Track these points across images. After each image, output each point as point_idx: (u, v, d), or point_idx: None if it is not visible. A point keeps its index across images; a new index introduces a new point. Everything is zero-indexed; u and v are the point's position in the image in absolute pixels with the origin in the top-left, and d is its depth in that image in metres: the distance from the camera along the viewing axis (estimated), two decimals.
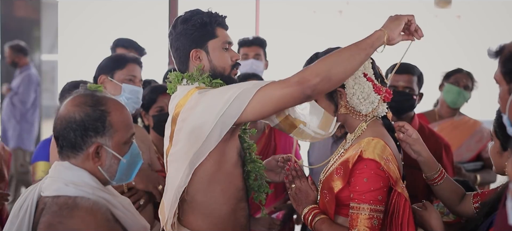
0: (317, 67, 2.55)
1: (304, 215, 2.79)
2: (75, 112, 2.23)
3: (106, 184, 2.32)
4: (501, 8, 10.48)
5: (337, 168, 2.70)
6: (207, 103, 2.65)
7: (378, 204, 2.58)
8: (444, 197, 2.91)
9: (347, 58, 2.56)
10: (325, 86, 2.57)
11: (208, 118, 2.64)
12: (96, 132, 2.23)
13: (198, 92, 2.69)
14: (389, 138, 2.75)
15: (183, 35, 2.80)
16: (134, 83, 3.51)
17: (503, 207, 2.10)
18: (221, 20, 2.84)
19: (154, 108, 3.99)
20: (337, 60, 2.56)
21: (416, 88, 3.89)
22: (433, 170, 2.85)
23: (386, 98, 2.77)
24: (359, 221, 2.57)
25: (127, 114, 2.34)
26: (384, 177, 2.59)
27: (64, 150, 2.27)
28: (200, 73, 2.79)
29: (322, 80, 2.54)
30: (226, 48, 2.83)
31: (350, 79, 2.69)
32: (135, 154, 2.36)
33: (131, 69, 3.52)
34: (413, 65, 3.97)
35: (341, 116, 2.78)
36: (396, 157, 2.69)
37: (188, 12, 2.82)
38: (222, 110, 2.61)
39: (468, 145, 4.78)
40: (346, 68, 2.57)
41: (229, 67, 2.84)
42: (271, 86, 2.60)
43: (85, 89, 2.34)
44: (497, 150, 2.58)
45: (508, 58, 2.08)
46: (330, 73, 2.54)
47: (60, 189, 2.22)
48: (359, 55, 2.57)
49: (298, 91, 2.55)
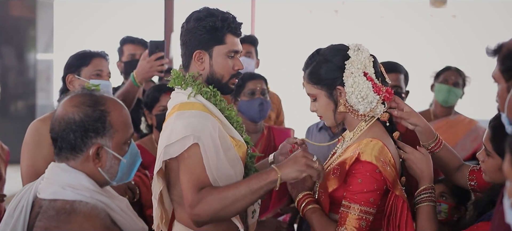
0: (211, 206, 2.59)
1: (298, 200, 2.79)
2: (74, 113, 2.19)
3: (104, 185, 2.29)
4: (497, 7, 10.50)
5: (334, 168, 2.71)
6: (169, 131, 2.70)
7: (369, 206, 2.58)
8: (441, 165, 2.92)
9: (240, 199, 2.59)
10: (211, 222, 2.67)
11: (161, 143, 2.72)
12: (96, 133, 2.20)
13: (176, 114, 2.71)
14: (388, 139, 2.74)
15: (192, 33, 2.78)
16: (101, 77, 3.50)
17: (499, 204, 2.11)
18: (234, 26, 2.80)
19: (157, 107, 3.99)
20: (231, 201, 2.58)
21: (403, 86, 3.95)
22: (430, 139, 2.85)
23: (386, 98, 2.72)
24: (347, 220, 2.57)
25: (126, 114, 2.31)
26: (379, 180, 2.59)
27: (63, 151, 2.22)
28: (193, 80, 2.79)
29: (211, 220, 2.64)
30: (231, 56, 2.81)
31: (350, 77, 2.68)
32: (135, 153, 2.34)
33: (97, 64, 3.52)
34: (399, 63, 4.02)
35: (340, 114, 2.77)
36: (394, 157, 2.69)
37: (204, 10, 2.80)
38: (164, 144, 2.68)
39: (463, 144, 4.78)
40: (237, 210, 2.64)
41: (229, 76, 2.82)
42: (187, 174, 2.64)
43: (82, 89, 2.31)
44: (498, 166, 2.51)
45: (507, 56, 2.08)
46: (220, 214, 2.61)
47: (57, 192, 2.17)
48: (251, 197, 2.60)
49: (187, 212, 2.65)
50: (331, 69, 2.70)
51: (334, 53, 2.72)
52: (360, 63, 2.68)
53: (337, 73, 2.69)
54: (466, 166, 2.89)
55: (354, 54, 2.69)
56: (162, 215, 2.85)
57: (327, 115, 2.77)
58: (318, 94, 2.75)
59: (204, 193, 2.60)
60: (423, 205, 2.71)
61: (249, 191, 2.58)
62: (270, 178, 2.58)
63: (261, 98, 4.11)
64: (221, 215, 2.63)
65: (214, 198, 2.59)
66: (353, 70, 2.67)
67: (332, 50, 2.74)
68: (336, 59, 2.71)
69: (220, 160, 2.68)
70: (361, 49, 2.71)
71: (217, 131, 2.69)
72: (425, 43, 10.60)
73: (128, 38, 5.16)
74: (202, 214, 2.60)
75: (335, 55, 2.72)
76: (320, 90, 2.74)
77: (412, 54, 7.39)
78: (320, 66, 2.73)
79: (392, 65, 3.96)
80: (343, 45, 2.75)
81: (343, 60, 2.69)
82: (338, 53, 2.72)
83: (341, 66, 2.69)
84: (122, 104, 2.31)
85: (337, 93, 2.72)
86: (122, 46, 5.14)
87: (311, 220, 2.72)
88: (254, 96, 4.11)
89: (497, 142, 2.41)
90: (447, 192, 3.41)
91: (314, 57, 2.76)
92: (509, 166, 1.70)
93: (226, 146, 2.71)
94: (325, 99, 2.75)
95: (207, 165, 2.62)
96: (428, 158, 2.77)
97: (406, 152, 2.78)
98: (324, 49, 2.77)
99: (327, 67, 2.71)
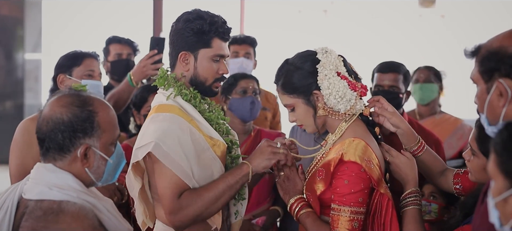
0: (195, 211, 2.66)
1: (290, 205, 2.80)
2: (63, 113, 2.18)
3: (90, 186, 2.28)
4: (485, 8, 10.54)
5: (319, 170, 2.71)
6: (141, 133, 2.74)
7: (359, 206, 2.59)
8: (424, 169, 2.92)
9: (220, 197, 2.69)
10: (193, 224, 2.73)
11: (135, 144, 2.75)
12: (85, 133, 2.19)
13: (151, 117, 2.74)
14: (370, 137, 2.75)
15: (179, 34, 2.80)
16: (93, 77, 3.53)
17: (480, 204, 2.12)
18: (222, 31, 2.81)
19: (145, 107, 4.00)
20: (212, 201, 2.67)
21: (402, 87, 3.91)
22: (412, 142, 2.87)
23: (363, 93, 2.76)
24: (340, 223, 2.58)
25: (114, 114, 2.31)
26: (365, 179, 2.60)
27: (51, 152, 2.21)
28: (175, 81, 2.81)
29: (194, 222, 2.70)
30: (217, 60, 2.82)
31: (325, 80, 2.69)
32: (120, 154, 2.34)
33: (88, 64, 3.54)
34: (398, 63, 3.99)
35: (320, 118, 2.77)
36: (377, 156, 2.70)
37: (194, 12, 2.81)
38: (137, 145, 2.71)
39: (450, 143, 4.80)
40: (218, 208, 2.73)
41: (212, 79, 2.83)
42: (164, 180, 2.66)
43: (70, 89, 2.30)
44: (483, 166, 2.54)
45: (486, 57, 2.09)
46: (203, 215, 2.70)
47: (43, 192, 2.16)
48: (229, 193, 2.72)
49: (168, 219, 2.69)
50: (304, 76, 2.72)
51: (304, 60, 2.74)
52: (331, 64, 2.70)
53: (310, 78, 2.71)
54: (450, 170, 2.90)
55: (324, 57, 2.71)
56: (145, 210, 2.87)
57: (307, 122, 2.78)
58: (296, 103, 2.76)
59: (185, 199, 2.65)
60: (409, 208, 2.72)
61: (227, 187, 2.68)
62: (243, 171, 2.71)
63: (252, 97, 4.12)
64: (204, 215, 2.71)
65: (195, 201, 2.65)
66: (326, 72, 2.68)
67: (301, 57, 2.76)
68: (306, 66, 2.72)
69: (194, 162, 2.70)
70: (329, 51, 2.74)
71: (188, 134, 2.70)
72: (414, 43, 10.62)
73: (114, 37, 5.16)
74: (185, 219, 2.67)
75: (305, 61, 2.73)
76: (297, 99, 2.75)
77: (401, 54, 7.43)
78: (292, 75, 2.74)
79: (390, 65, 3.95)
80: (310, 51, 2.77)
81: (313, 65, 2.71)
82: (308, 59, 2.73)
83: (313, 71, 2.70)
84: (109, 105, 2.31)
85: (315, 98, 2.73)
86: (108, 46, 5.14)
87: (305, 225, 2.72)
88: (245, 94, 4.12)
89: (482, 141, 2.42)
90: (437, 192, 3.42)
91: (284, 67, 2.78)
92: (493, 166, 1.71)
93: (201, 147, 2.73)
94: (303, 106, 2.75)
95: (179, 170, 2.64)
96: (413, 162, 2.78)
97: (392, 156, 2.79)
98: (292, 58, 2.78)
99: (299, 75, 2.72)
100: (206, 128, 2.78)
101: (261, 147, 2.75)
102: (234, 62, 5.08)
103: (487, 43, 2.14)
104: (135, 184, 2.80)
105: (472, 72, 2.18)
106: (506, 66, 2.03)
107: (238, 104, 4.11)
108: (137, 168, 2.79)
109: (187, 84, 2.82)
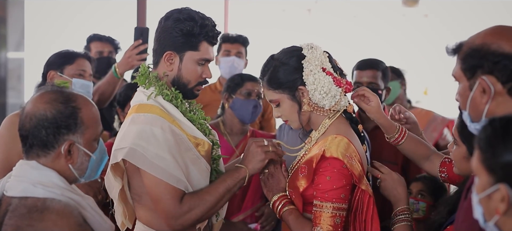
0: (197, 214, 2.67)
1: (273, 202, 2.80)
2: (46, 109, 2.18)
3: (72, 182, 2.28)
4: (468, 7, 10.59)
5: (301, 167, 2.72)
6: (121, 134, 2.72)
7: (341, 202, 2.60)
8: (409, 155, 3.01)
9: (220, 200, 2.72)
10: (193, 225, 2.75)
11: (114, 144, 2.74)
12: (68, 129, 2.19)
13: (131, 117, 2.72)
14: (352, 134, 2.77)
15: (167, 33, 2.77)
16: (84, 77, 3.55)
17: (464, 200, 2.13)
18: (211, 35, 2.79)
19: (129, 105, 3.96)
20: (213, 203, 2.71)
21: (381, 83, 3.94)
22: (393, 132, 2.93)
23: (347, 90, 2.79)
24: (322, 219, 2.59)
25: (96, 111, 2.31)
26: (347, 175, 2.61)
27: (34, 148, 2.21)
28: (157, 80, 2.79)
29: (194, 223, 2.72)
30: (202, 64, 2.81)
31: (310, 75, 2.70)
32: (103, 150, 2.34)
33: (81, 64, 3.57)
34: (377, 60, 4.02)
35: (305, 114, 2.79)
36: (360, 153, 2.72)
37: (185, 12, 2.77)
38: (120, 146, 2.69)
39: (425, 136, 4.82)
40: (216, 210, 2.77)
41: (195, 82, 2.82)
42: (160, 185, 2.64)
43: (52, 86, 2.30)
44: (464, 155, 2.59)
45: (468, 54, 2.10)
46: (204, 217, 2.74)
47: (27, 189, 2.15)
48: (228, 196, 2.76)
49: (169, 224, 2.68)
50: (290, 72, 2.73)
51: (289, 56, 2.75)
52: (317, 60, 2.71)
53: (296, 74, 2.72)
54: (437, 156, 2.94)
55: (309, 52, 2.72)
56: (124, 211, 2.86)
57: (292, 118, 2.79)
58: (281, 99, 2.77)
59: (187, 203, 2.65)
60: (401, 224, 2.76)
61: (226, 190, 2.71)
62: (241, 175, 2.72)
63: (256, 100, 4.12)
64: (204, 218, 2.74)
65: (198, 205, 2.66)
66: (311, 68, 2.69)
67: (287, 53, 2.77)
68: (292, 61, 2.73)
69: (182, 162, 2.69)
70: (315, 47, 2.75)
71: (171, 134, 2.68)
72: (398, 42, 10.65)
73: (95, 35, 5.17)
74: (187, 223, 2.67)
75: (290, 57, 2.74)
76: (282, 94, 2.76)
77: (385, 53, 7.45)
78: (277, 71, 2.74)
79: (368, 62, 3.98)
80: (296, 46, 2.78)
81: (299, 60, 2.72)
82: (293, 54, 2.74)
83: (298, 67, 2.71)
84: (92, 101, 2.30)
85: (300, 94, 2.74)
86: (89, 43, 5.15)
87: (288, 222, 2.74)
88: (250, 97, 4.11)
89: (463, 130, 2.45)
90: (425, 190, 3.44)
91: (270, 63, 2.79)
92: (477, 162, 1.73)
93: (184, 147, 2.71)
94: (288, 102, 2.76)
95: (165, 175, 2.62)
96: (403, 180, 2.82)
97: (383, 173, 2.81)
98: (278, 54, 2.79)
99: (285, 70, 2.73)
100: (189, 127, 2.77)
101: (252, 149, 2.77)
102: (225, 61, 5.09)
103: (469, 41, 2.15)
104: (115, 184, 2.79)
105: (454, 70, 2.19)
106: (489, 63, 2.04)
107: (241, 105, 4.10)
108: (117, 168, 2.77)
109: (168, 84, 2.80)
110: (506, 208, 1.64)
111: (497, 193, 1.65)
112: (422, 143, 3.00)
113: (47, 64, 3.61)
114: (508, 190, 1.63)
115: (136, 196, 2.79)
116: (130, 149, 2.61)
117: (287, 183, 2.82)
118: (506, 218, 1.66)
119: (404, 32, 10.97)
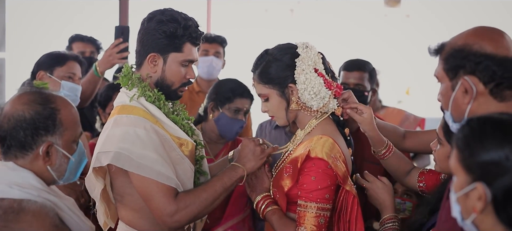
0: (193, 211, 2.65)
1: (256, 203, 2.81)
2: (24, 110, 2.16)
3: (51, 184, 2.26)
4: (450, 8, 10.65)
5: (286, 167, 2.72)
6: (104, 137, 2.69)
7: (325, 203, 2.60)
8: (391, 170, 3.00)
9: (217, 198, 2.71)
10: (189, 222, 2.76)
11: (96, 147, 2.72)
12: (47, 131, 2.17)
13: (114, 119, 2.70)
14: (338, 135, 2.78)
15: (150, 34, 2.75)
16: (73, 80, 3.54)
17: (446, 199, 2.15)
18: (194, 36, 2.77)
19: (110, 106, 3.94)
20: (210, 201, 2.69)
21: (367, 85, 3.93)
22: (380, 146, 2.91)
23: (337, 93, 2.79)
24: (306, 219, 2.60)
25: (76, 112, 2.29)
26: (332, 176, 2.61)
27: (12, 150, 2.19)
28: (139, 81, 2.77)
29: (190, 221, 2.72)
30: (185, 65, 2.79)
31: (301, 74, 2.70)
32: (82, 152, 2.32)
33: (71, 66, 3.57)
34: (364, 61, 4.02)
35: (292, 112, 2.79)
36: (344, 154, 2.72)
37: (168, 13, 2.74)
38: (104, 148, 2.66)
39: None
40: (212, 208, 2.74)
41: (179, 83, 2.81)
42: (152, 186, 2.62)
43: (31, 87, 2.27)
44: (448, 154, 2.57)
45: (450, 54, 2.11)
46: (199, 215, 2.72)
47: (3, 191, 2.13)
48: (224, 195, 2.75)
49: (164, 221, 2.65)
50: (282, 68, 2.72)
51: (284, 52, 2.74)
52: (310, 60, 2.71)
53: (287, 71, 2.72)
54: (416, 169, 2.96)
55: (304, 51, 2.72)
56: (106, 211, 2.85)
57: (279, 114, 2.79)
58: (270, 94, 2.77)
59: (182, 200, 2.63)
60: None
61: (223, 189, 2.71)
62: (238, 174, 2.74)
63: (243, 121, 3.89)
64: (200, 216, 2.72)
65: (194, 202, 2.64)
66: (304, 67, 2.69)
67: (281, 49, 2.76)
68: (285, 58, 2.73)
69: (169, 161, 2.68)
70: (310, 46, 2.75)
71: (155, 135, 2.67)
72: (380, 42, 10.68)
73: (77, 36, 5.16)
74: (183, 220, 2.65)
75: (284, 54, 2.74)
76: (271, 90, 2.76)
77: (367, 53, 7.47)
78: (270, 66, 2.74)
79: (355, 63, 3.98)
80: (291, 44, 2.78)
81: (292, 58, 2.72)
82: (288, 51, 2.74)
83: (291, 65, 2.71)
84: (71, 102, 2.29)
85: (289, 91, 2.74)
86: (71, 44, 5.14)
87: (272, 222, 2.74)
88: (237, 115, 3.86)
89: (449, 130, 2.46)
90: (411, 190, 3.44)
91: (263, 57, 2.78)
92: (455, 161, 1.74)
93: (168, 147, 2.70)
94: (277, 98, 2.76)
95: (154, 174, 2.61)
96: (390, 187, 2.83)
97: (369, 181, 2.83)
98: (273, 49, 2.79)
99: (278, 66, 2.73)
100: (172, 128, 2.76)
101: (250, 148, 2.78)
102: (203, 61, 5.05)
103: (452, 41, 2.16)
104: (96, 184, 2.78)
105: (436, 70, 2.20)
106: (471, 63, 2.06)
107: (226, 123, 3.87)
108: (99, 170, 2.75)
109: (151, 85, 2.79)
110: (483, 207, 1.65)
111: (474, 192, 1.67)
112: (405, 159, 3.00)
113: (37, 64, 3.60)
114: (485, 189, 1.64)
115: (118, 196, 2.78)
116: (115, 153, 2.59)
117: (271, 183, 2.82)
118: (483, 216, 1.67)
119: (386, 32, 11.01)
